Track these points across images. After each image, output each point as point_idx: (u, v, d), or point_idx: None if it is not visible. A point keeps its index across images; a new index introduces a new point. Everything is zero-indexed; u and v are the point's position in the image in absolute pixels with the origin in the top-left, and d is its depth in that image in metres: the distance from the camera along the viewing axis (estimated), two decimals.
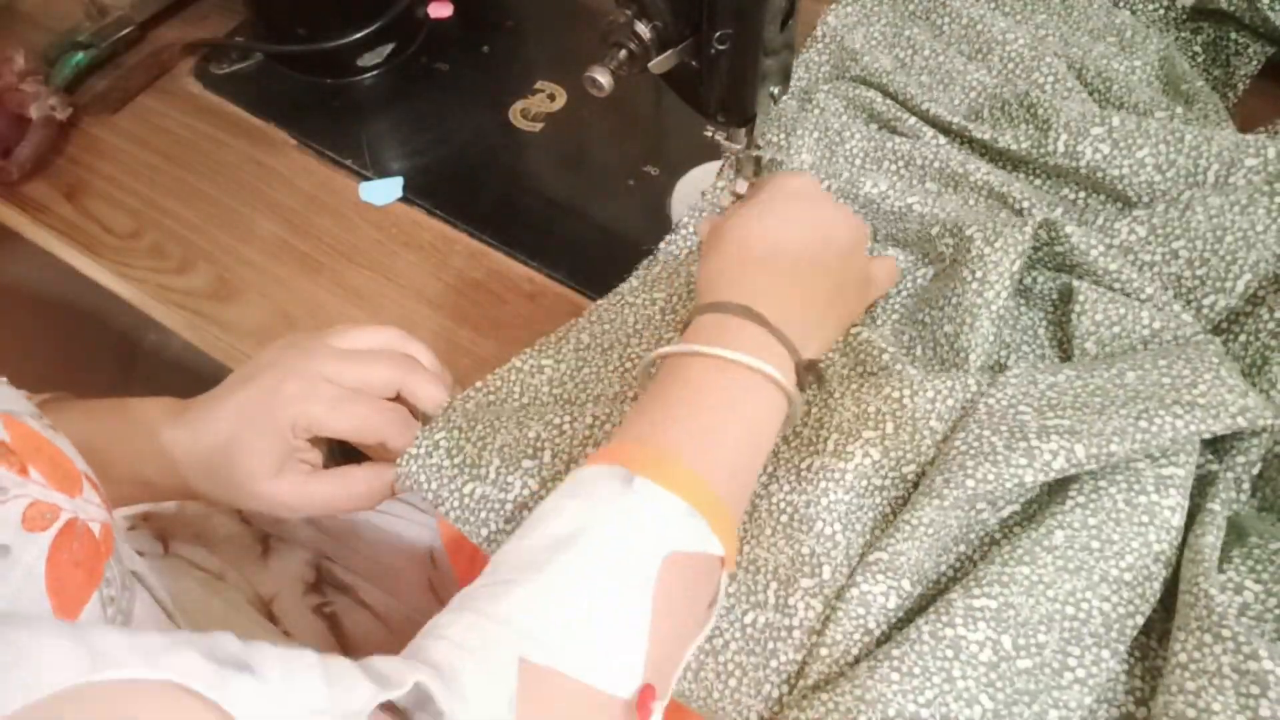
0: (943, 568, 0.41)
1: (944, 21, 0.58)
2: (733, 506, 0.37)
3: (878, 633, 0.39)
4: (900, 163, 0.53)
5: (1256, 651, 0.32)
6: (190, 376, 1.00)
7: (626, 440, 0.38)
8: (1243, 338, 0.44)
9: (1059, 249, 0.46)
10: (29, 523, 0.34)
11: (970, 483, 0.38)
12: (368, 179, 0.59)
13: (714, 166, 0.58)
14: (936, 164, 0.52)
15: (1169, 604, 0.38)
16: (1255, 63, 0.57)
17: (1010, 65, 0.56)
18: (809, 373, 0.41)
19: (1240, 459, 0.41)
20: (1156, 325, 0.43)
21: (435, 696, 0.28)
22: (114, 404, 0.47)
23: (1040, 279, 0.47)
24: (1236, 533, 0.39)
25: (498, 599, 0.32)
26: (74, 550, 0.34)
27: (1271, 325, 0.43)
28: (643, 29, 0.45)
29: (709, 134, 0.54)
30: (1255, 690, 0.32)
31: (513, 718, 0.30)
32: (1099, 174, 0.49)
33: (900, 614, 0.39)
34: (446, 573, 0.70)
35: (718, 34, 0.43)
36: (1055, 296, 0.47)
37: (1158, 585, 0.38)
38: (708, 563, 0.36)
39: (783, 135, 0.55)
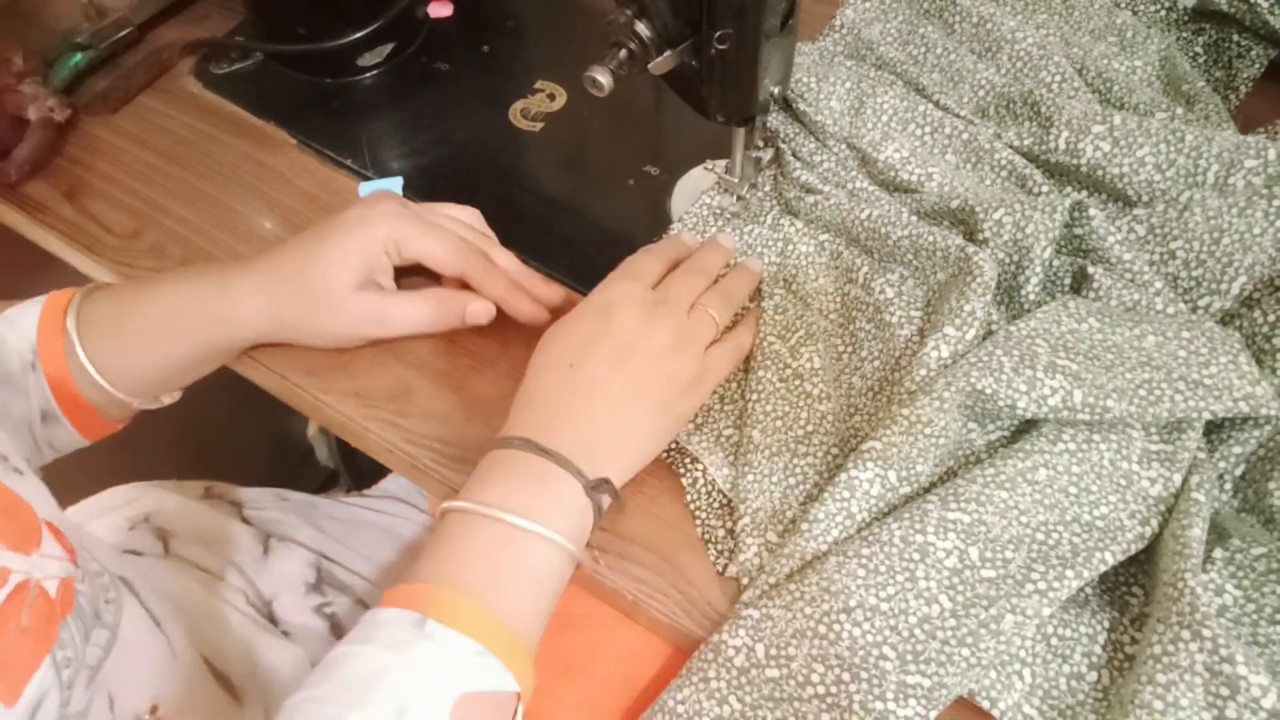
0: (930, 475, 0.42)
1: (955, 20, 0.59)
2: (528, 640, 0.38)
3: (859, 517, 0.41)
4: (928, 128, 0.53)
5: (1233, 655, 0.33)
6: None
7: (418, 581, 0.37)
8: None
9: (1078, 231, 0.47)
10: None
11: (967, 385, 0.40)
12: (368, 179, 0.59)
13: (714, 167, 0.58)
14: (965, 135, 0.52)
15: (1148, 586, 0.39)
16: (1258, 65, 0.56)
17: (1018, 64, 0.56)
18: (598, 492, 0.41)
19: (1236, 449, 0.41)
20: (1171, 312, 0.44)
21: None
22: (148, 284, 0.48)
23: (1056, 260, 0.47)
24: (1219, 533, 0.39)
25: None
26: (22, 617, 0.33)
27: (1265, 329, 0.43)
28: (643, 29, 0.45)
29: (708, 167, 0.54)
30: (1225, 692, 0.33)
31: None
32: (1099, 172, 0.49)
33: (882, 504, 0.41)
34: None
35: (718, 34, 0.43)
36: (1069, 280, 0.47)
37: (1131, 536, 0.39)
38: (503, 700, 0.36)
39: (813, 80, 0.54)
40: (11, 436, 0.46)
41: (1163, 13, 0.60)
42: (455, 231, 0.50)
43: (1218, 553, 0.38)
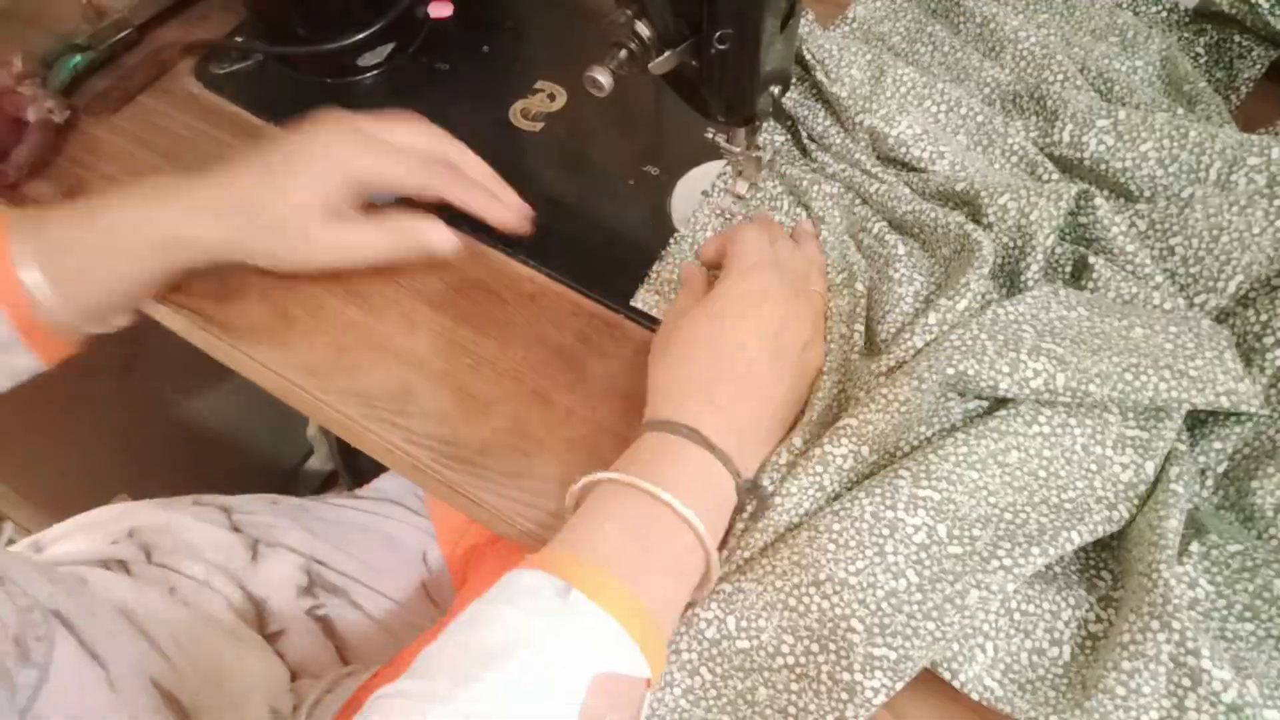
0: (902, 444, 0.42)
1: (960, 20, 0.59)
2: (664, 629, 0.37)
3: (830, 490, 0.41)
4: (944, 106, 0.53)
5: (1199, 649, 0.33)
6: (190, 377, 1.00)
7: (564, 549, 0.37)
8: None
9: (1083, 220, 0.47)
10: None
11: (950, 370, 0.40)
12: None
13: (714, 166, 0.58)
14: (980, 118, 0.52)
15: (1117, 572, 0.40)
16: (1259, 66, 0.56)
17: (1022, 63, 0.56)
18: (751, 494, 0.41)
19: (1217, 444, 0.42)
20: (1167, 306, 0.44)
21: None
22: (98, 205, 0.48)
23: (1059, 248, 0.48)
24: (1196, 528, 0.39)
25: (428, 713, 0.31)
26: None
27: (1256, 328, 0.43)
28: (643, 29, 0.45)
29: (710, 134, 0.54)
30: (1187, 683, 0.34)
31: None
32: (1102, 166, 0.49)
33: (854, 477, 0.41)
34: (440, 574, 0.70)
35: (718, 34, 0.43)
36: (1070, 269, 0.47)
37: (1098, 519, 0.39)
38: (634, 685, 0.35)
39: (834, 49, 0.54)
40: None
41: (1164, 14, 0.60)
42: (413, 147, 0.49)
43: (1194, 546, 0.38)
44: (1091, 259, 0.46)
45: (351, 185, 0.48)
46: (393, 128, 0.51)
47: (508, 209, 0.50)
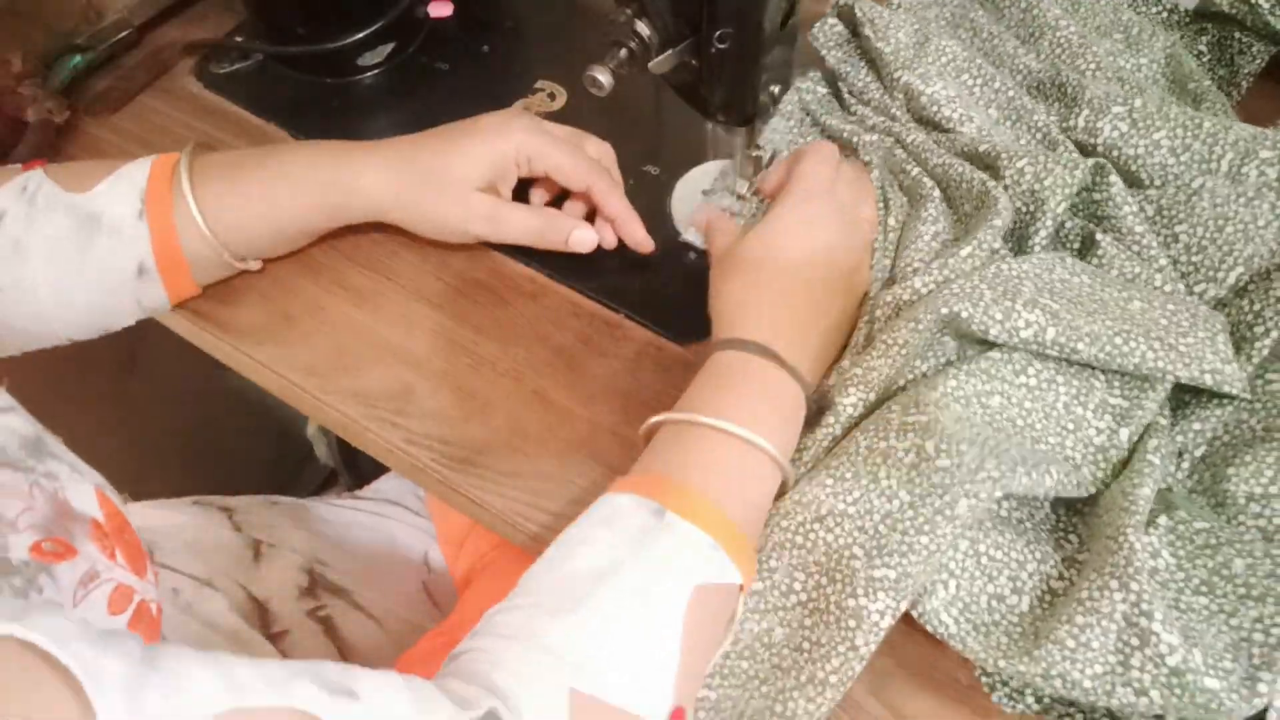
0: (900, 383, 0.44)
1: (1006, 4, 0.60)
2: (751, 538, 0.40)
3: (838, 433, 0.43)
4: (980, 81, 0.55)
5: (1152, 612, 0.34)
6: (190, 377, 1.00)
7: (653, 473, 0.39)
8: None
9: (1097, 196, 0.47)
10: (113, 605, 0.36)
11: (945, 310, 0.42)
12: None
13: (714, 166, 0.58)
14: (1010, 94, 0.53)
15: (1085, 537, 0.40)
16: (1259, 61, 0.57)
17: (1058, 50, 0.57)
18: (817, 405, 0.43)
19: (1196, 425, 0.42)
20: (1168, 289, 0.45)
21: None
22: (271, 148, 0.52)
23: (1069, 222, 0.48)
24: (1166, 505, 0.40)
25: (545, 630, 0.34)
26: (141, 632, 0.35)
27: (1249, 316, 0.43)
28: (643, 28, 0.45)
29: (716, 120, 0.54)
30: (1135, 643, 0.34)
31: None
32: (1115, 152, 0.50)
33: (858, 416, 0.43)
34: (441, 575, 0.70)
35: (718, 34, 0.43)
36: (1078, 244, 0.48)
37: (1067, 467, 0.40)
38: (729, 591, 0.38)
39: (885, 12, 0.56)
40: (111, 293, 0.49)
41: (1164, 14, 0.60)
42: (582, 147, 0.53)
43: (1162, 520, 0.39)
44: (1099, 236, 0.46)
45: (521, 166, 0.51)
46: (566, 129, 0.54)
47: (646, 236, 0.54)
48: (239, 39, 0.66)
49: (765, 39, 0.45)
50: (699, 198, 0.56)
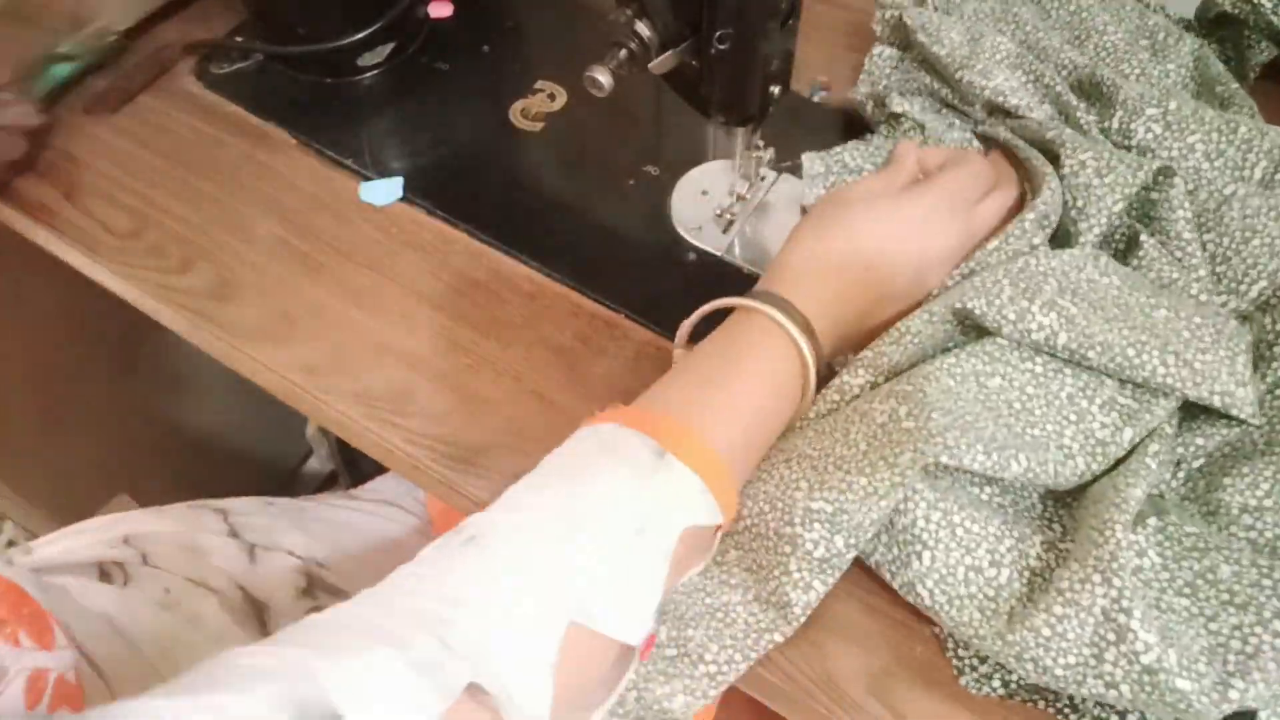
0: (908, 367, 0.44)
1: (1053, 5, 0.60)
2: (740, 477, 0.41)
3: (836, 408, 0.44)
4: (1032, 76, 0.54)
5: (1132, 609, 0.34)
6: (190, 377, 1.00)
7: (656, 409, 0.40)
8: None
9: (1154, 196, 0.47)
10: (30, 694, 0.35)
11: (959, 305, 0.42)
12: (368, 179, 0.59)
13: (714, 166, 0.58)
14: (1059, 89, 0.53)
15: (1069, 527, 0.40)
16: (1265, 55, 0.57)
17: (1103, 54, 0.57)
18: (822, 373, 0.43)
19: (1199, 440, 0.42)
20: (1202, 299, 0.44)
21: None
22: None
23: (1118, 219, 0.48)
24: (1157, 508, 0.40)
25: (547, 558, 0.34)
26: (64, 706, 0.35)
27: (1270, 335, 0.43)
28: (643, 29, 0.45)
29: (717, 121, 0.54)
30: (1111, 638, 0.34)
31: (552, 672, 0.32)
32: (1148, 155, 0.49)
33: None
34: None
35: (718, 34, 0.43)
36: (1121, 241, 0.47)
37: (1049, 458, 0.40)
38: (711, 531, 0.40)
39: (933, 17, 0.56)
40: None
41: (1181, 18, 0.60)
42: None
43: (1152, 521, 0.39)
44: (1144, 236, 0.46)
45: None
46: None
47: None
48: (239, 39, 0.66)
49: (765, 39, 0.45)
50: (699, 198, 0.56)
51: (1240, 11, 0.56)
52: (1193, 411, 0.43)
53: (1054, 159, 0.48)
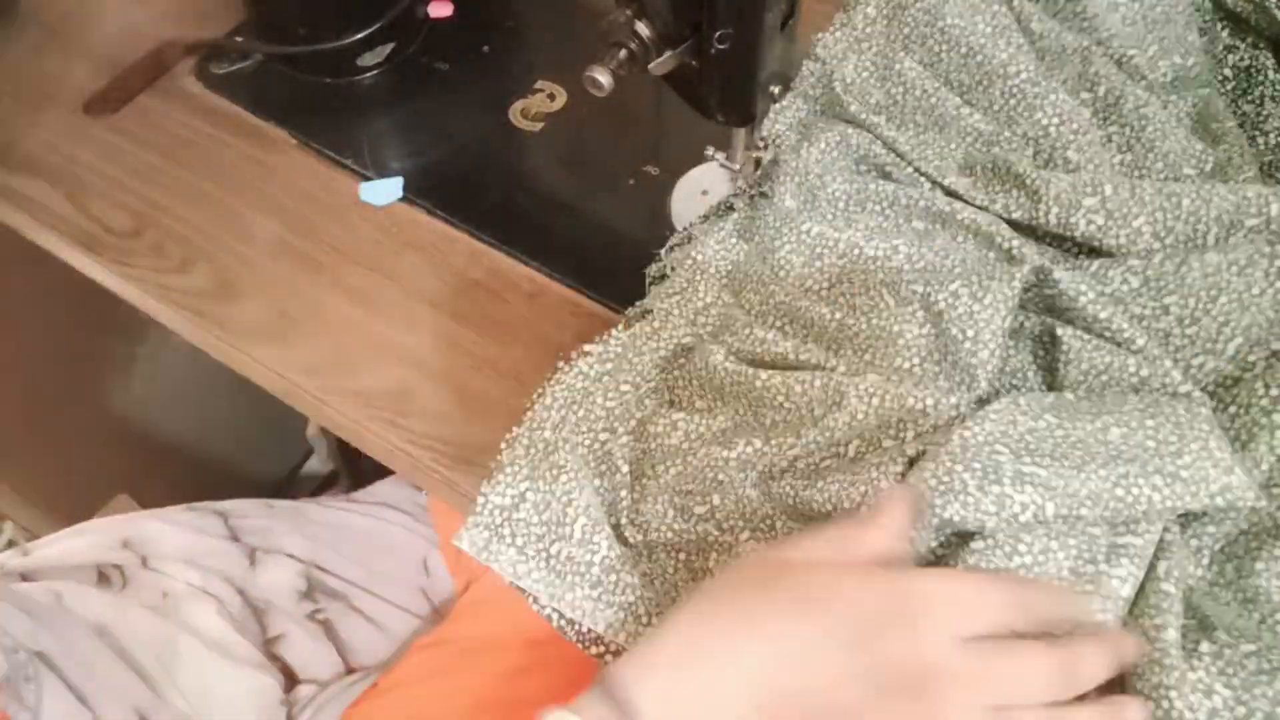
0: None
1: (941, 49, 0.54)
2: None
3: None
4: (884, 204, 0.51)
5: None
6: (190, 378, 1.00)
7: None
8: (1232, 409, 0.42)
9: (1048, 292, 0.45)
10: None
11: (935, 519, 0.37)
12: (368, 179, 0.59)
13: (714, 166, 0.58)
14: (922, 203, 0.50)
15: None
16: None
17: (1011, 102, 0.52)
18: None
19: (1211, 529, 0.40)
20: (1144, 373, 0.41)
21: None
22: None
23: (1028, 321, 0.45)
24: (1200, 621, 0.37)
25: None
26: None
27: (1265, 402, 0.41)
28: (643, 29, 0.45)
29: (709, 154, 0.54)
30: None
31: None
32: (1095, 243, 0.47)
33: None
34: (440, 581, 0.70)
35: (718, 34, 0.43)
36: (1047, 339, 0.45)
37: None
38: None
39: (768, 184, 0.52)
40: None
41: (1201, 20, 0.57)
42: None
43: (1205, 647, 0.36)
44: (1060, 330, 0.43)
45: None
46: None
47: None
48: (239, 39, 0.66)
49: (765, 39, 0.45)
50: (699, 198, 0.56)
51: (1242, 10, 0.56)
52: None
53: (925, 300, 0.45)
